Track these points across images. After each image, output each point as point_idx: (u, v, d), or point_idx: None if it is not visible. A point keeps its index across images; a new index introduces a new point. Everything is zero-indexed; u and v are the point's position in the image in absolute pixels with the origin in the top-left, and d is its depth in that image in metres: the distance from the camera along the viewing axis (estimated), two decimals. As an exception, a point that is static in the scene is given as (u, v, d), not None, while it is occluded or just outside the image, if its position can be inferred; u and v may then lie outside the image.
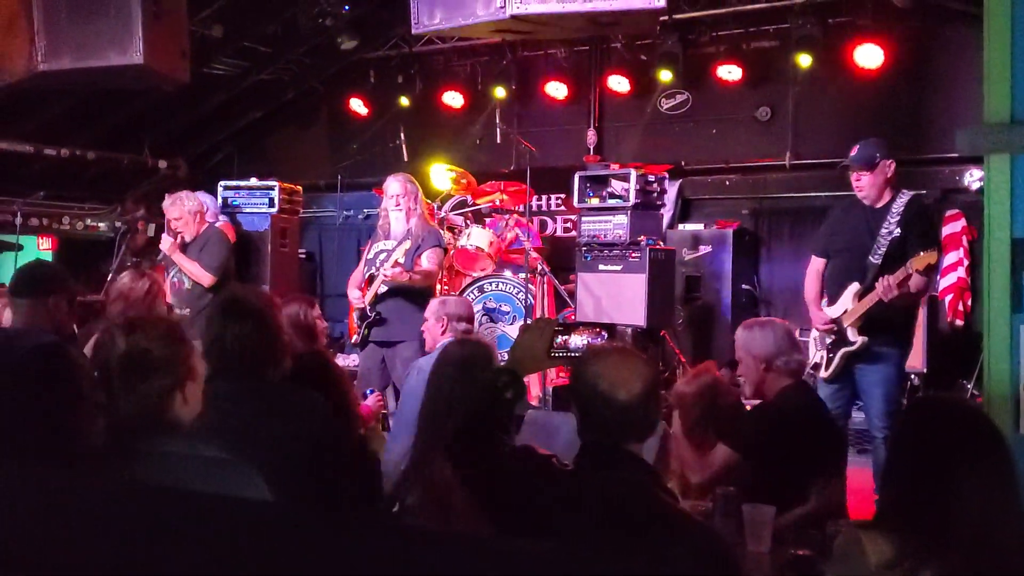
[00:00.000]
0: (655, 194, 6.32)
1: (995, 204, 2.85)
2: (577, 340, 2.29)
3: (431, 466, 2.48)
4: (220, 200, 7.16)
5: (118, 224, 7.89)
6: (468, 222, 7.27)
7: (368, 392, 4.08)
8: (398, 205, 5.29)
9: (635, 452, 2.09)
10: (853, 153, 4.44)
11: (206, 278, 5.62)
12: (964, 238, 6.21)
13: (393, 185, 5.35)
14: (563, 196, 8.09)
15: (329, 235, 8.96)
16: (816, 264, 4.60)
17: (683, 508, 2.20)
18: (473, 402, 2.22)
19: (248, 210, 6.86)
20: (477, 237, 6.84)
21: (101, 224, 8.07)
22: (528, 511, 2.06)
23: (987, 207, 2.89)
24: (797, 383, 3.25)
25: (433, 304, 4.17)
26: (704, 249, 7.15)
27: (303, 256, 8.27)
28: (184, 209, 5.76)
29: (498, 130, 7.72)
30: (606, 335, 2.33)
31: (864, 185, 4.39)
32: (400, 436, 3.73)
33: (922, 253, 4.15)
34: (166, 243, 5.69)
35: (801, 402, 3.22)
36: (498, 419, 2.20)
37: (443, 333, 3.94)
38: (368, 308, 5.22)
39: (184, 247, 5.72)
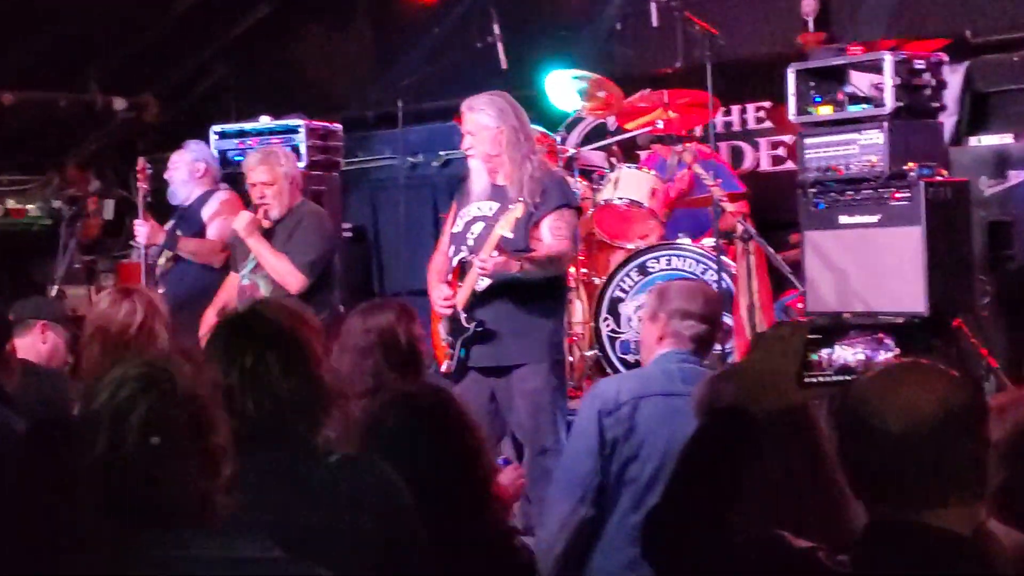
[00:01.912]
0: (927, 91, 6.18)
1: None
2: (845, 354, 2.30)
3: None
4: (215, 154, 7.43)
5: (57, 204, 8.05)
6: (614, 161, 7.30)
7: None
8: (495, 149, 5.38)
9: (949, 529, 2.13)
10: None
11: (294, 280, 5.94)
12: None
13: (476, 116, 5.42)
14: (768, 106, 8.04)
15: (389, 197, 8.97)
16: None
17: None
18: (681, 463, 2.30)
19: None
20: (630, 185, 6.84)
21: (30, 206, 8.10)
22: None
23: None
24: None
25: (647, 297, 4.35)
26: (1017, 176, 6.94)
27: (349, 234, 8.30)
28: (280, 171, 6.09)
29: (652, 5, 7.63)
30: (892, 343, 2.39)
31: None
32: (558, 505, 3.94)
33: None
34: (242, 220, 6.01)
35: None
36: (721, 490, 2.26)
37: (660, 340, 4.06)
38: (463, 316, 5.32)
39: (267, 231, 6.04)
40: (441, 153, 8.77)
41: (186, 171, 7.01)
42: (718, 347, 5.77)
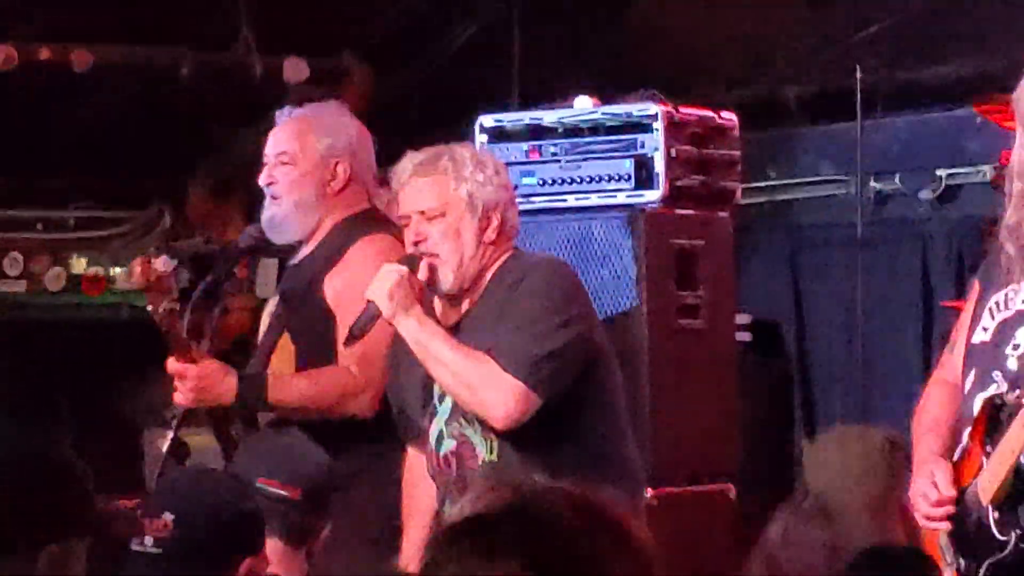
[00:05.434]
0: None
1: None
2: None
3: None
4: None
5: (162, 265, 6.67)
6: None
7: None
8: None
9: None
10: None
11: (501, 397, 4.79)
12: None
13: None
14: None
15: (831, 261, 7.61)
16: None
17: None
18: None
19: (567, 199, 6.30)
20: None
21: (117, 270, 6.84)
22: None
23: None
24: None
25: None
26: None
27: (746, 335, 7.03)
28: (458, 194, 5.03)
29: None
30: None
31: None
32: None
33: None
34: (386, 280, 4.95)
35: None
36: None
37: None
38: (993, 517, 4.32)
39: (450, 324, 5.08)
40: (940, 173, 6.97)
41: None
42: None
